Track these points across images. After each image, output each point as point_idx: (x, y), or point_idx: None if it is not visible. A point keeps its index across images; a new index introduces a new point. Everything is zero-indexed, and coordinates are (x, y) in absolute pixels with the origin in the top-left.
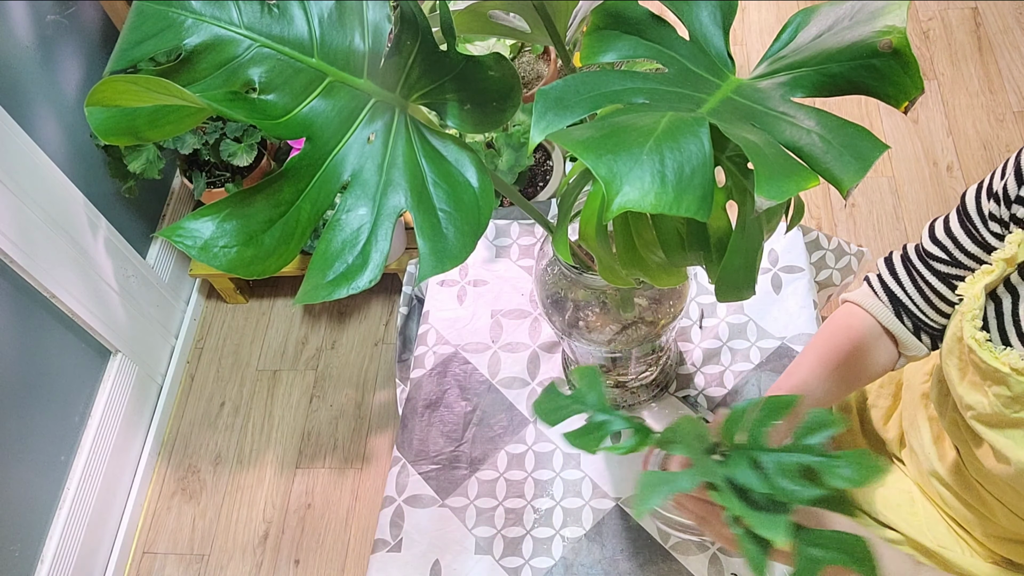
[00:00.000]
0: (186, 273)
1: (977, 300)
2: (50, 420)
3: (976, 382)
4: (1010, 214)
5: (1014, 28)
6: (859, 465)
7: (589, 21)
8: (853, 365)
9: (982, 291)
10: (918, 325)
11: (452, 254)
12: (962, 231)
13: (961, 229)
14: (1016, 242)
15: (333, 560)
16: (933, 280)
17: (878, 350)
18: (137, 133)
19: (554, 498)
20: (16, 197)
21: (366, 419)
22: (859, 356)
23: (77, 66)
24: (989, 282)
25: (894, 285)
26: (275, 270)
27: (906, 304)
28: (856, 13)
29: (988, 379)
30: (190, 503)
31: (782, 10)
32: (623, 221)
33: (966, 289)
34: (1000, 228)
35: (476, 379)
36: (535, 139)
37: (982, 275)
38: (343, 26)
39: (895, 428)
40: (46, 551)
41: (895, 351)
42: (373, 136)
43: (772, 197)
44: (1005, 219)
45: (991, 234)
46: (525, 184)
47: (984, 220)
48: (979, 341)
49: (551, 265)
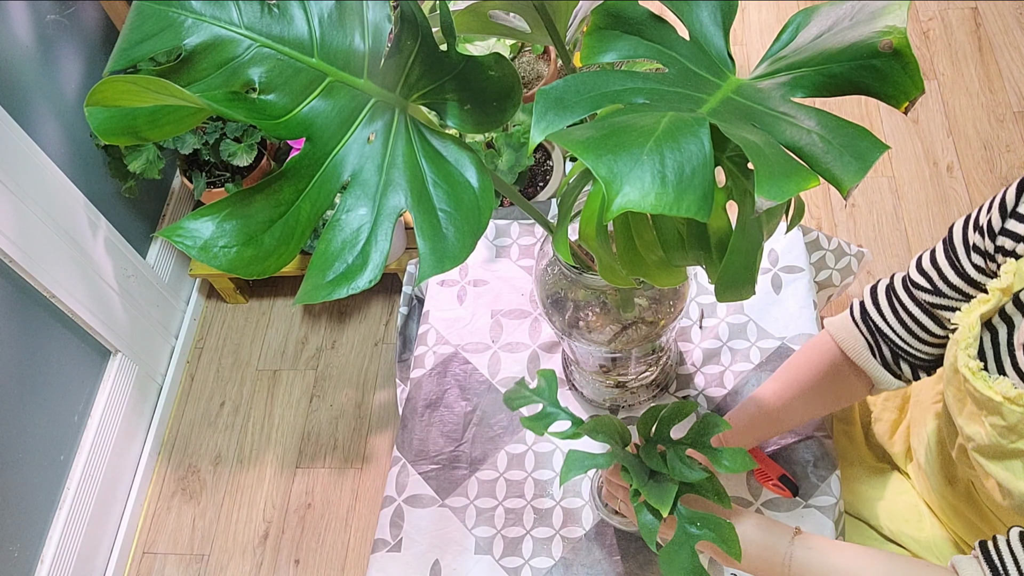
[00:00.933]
0: (186, 273)
1: (972, 330)
2: (50, 420)
3: (974, 412)
4: (995, 246)
5: (1014, 28)
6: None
7: (589, 21)
8: (821, 395)
9: (977, 320)
10: (897, 354)
11: (452, 254)
12: (946, 262)
13: (946, 260)
14: (1011, 272)
15: (333, 560)
16: (915, 310)
17: (849, 383)
18: (137, 133)
19: (554, 498)
20: (16, 197)
21: (366, 419)
22: (827, 387)
23: (77, 66)
24: (985, 311)
25: (875, 315)
26: (275, 270)
27: (886, 333)
28: (856, 13)
29: (984, 408)
30: (190, 503)
31: (782, 10)
32: (623, 221)
33: (962, 318)
34: (982, 261)
35: (476, 379)
36: (535, 139)
37: (978, 304)
38: (343, 26)
39: (901, 442)
40: (46, 551)
41: (862, 386)
42: (373, 136)
43: (772, 197)
44: (989, 251)
45: (972, 266)
46: (525, 184)
47: (968, 251)
48: (972, 370)
49: (551, 265)
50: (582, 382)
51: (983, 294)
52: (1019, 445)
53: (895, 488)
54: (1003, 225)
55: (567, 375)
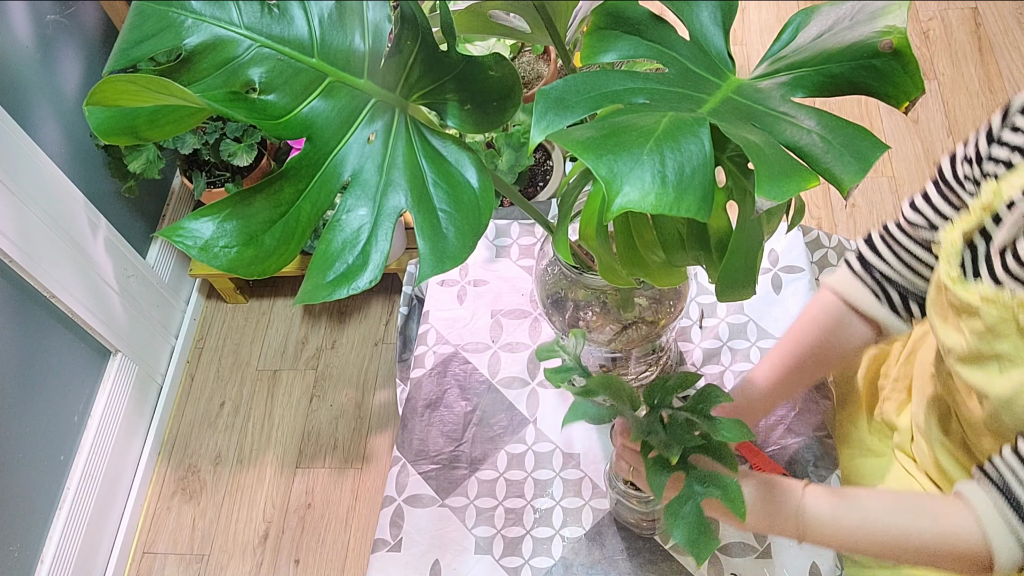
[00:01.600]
0: (186, 273)
1: (954, 245)
2: (50, 420)
3: (954, 322)
4: (982, 172)
5: (1014, 28)
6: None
7: (589, 21)
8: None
9: (960, 236)
10: (905, 296)
11: (452, 254)
12: (940, 198)
13: (939, 196)
14: (991, 191)
15: (333, 560)
16: (916, 249)
17: (857, 334)
18: (137, 133)
19: (554, 498)
20: (16, 197)
21: (366, 419)
22: (836, 343)
23: (77, 66)
24: (966, 229)
25: (878, 262)
26: (275, 270)
27: (892, 278)
28: (856, 13)
29: (963, 314)
30: (190, 503)
31: (782, 10)
32: (623, 221)
33: (945, 236)
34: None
35: (476, 379)
36: (535, 139)
37: (960, 222)
38: (343, 26)
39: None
40: (46, 551)
41: (870, 334)
42: (373, 136)
43: (773, 197)
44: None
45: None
46: (525, 184)
47: (961, 184)
48: (953, 279)
49: (551, 265)
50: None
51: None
52: (996, 347)
53: (895, 475)
54: (990, 152)
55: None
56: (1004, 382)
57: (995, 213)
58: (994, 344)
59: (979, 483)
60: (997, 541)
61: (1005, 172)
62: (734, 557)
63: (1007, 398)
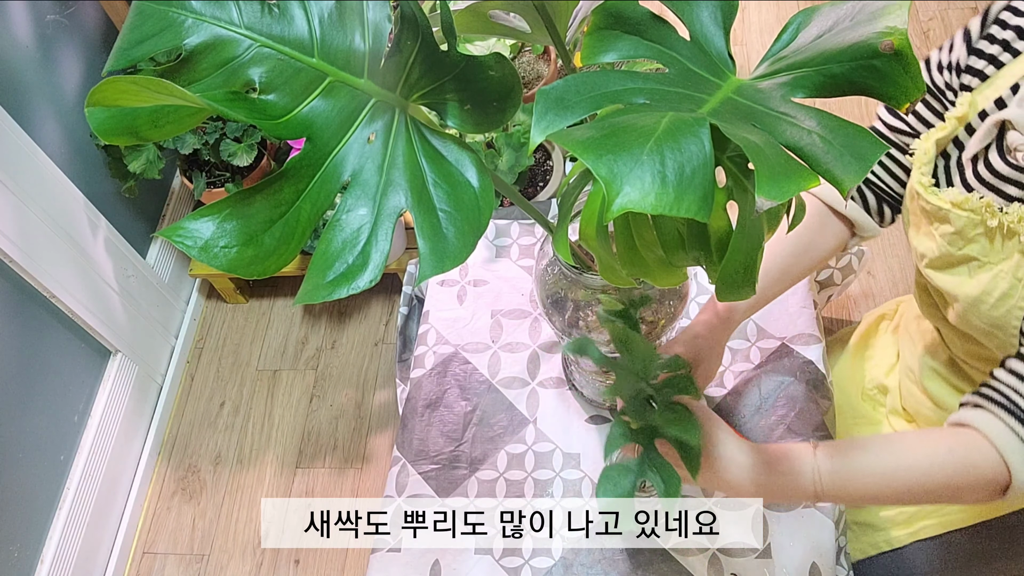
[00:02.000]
0: (186, 273)
1: (928, 154)
2: (50, 420)
3: (926, 229)
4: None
5: None
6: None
7: (589, 21)
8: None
9: (933, 145)
10: (881, 197)
11: (452, 254)
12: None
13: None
14: (966, 102)
15: (333, 560)
16: (895, 152)
17: (826, 236)
18: (137, 133)
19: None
20: (16, 197)
21: (366, 419)
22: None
23: (77, 66)
24: (940, 138)
25: None
26: (275, 270)
27: (869, 179)
28: (857, 14)
29: (935, 220)
30: (190, 503)
31: (782, 10)
32: (623, 221)
33: (919, 144)
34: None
35: (476, 379)
36: (535, 139)
37: (935, 131)
38: (343, 26)
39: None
40: (46, 551)
41: (845, 233)
42: (373, 136)
43: (773, 197)
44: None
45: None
46: (525, 184)
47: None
48: (925, 185)
49: (551, 265)
50: (582, 382)
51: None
52: (965, 251)
53: None
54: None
55: (567, 375)
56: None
57: (968, 124)
58: (964, 247)
59: (984, 408)
60: (1014, 458)
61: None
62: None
63: (975, 297)
